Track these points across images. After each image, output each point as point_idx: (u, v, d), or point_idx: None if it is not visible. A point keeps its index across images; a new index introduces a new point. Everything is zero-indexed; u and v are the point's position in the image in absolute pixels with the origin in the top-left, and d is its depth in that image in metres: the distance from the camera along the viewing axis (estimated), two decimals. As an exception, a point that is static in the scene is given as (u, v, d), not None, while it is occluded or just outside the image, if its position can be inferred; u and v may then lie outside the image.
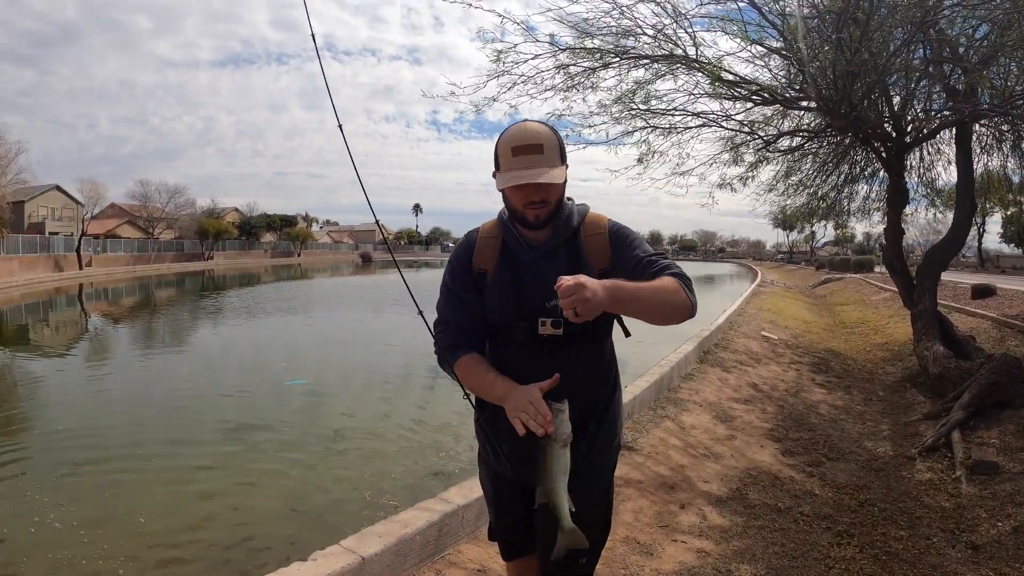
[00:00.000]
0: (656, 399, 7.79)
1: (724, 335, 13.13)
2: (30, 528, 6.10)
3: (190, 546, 5.76)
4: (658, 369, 8.47)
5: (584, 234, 2.30)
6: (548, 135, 2.18)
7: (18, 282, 43.07)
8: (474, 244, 2.41)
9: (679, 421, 7.10)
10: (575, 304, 1.80)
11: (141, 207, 75.89)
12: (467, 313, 2.35)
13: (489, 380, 2.20)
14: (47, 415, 10.51)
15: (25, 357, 16.82)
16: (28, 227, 60.72)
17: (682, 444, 6.37)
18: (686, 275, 2.11)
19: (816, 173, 12.88)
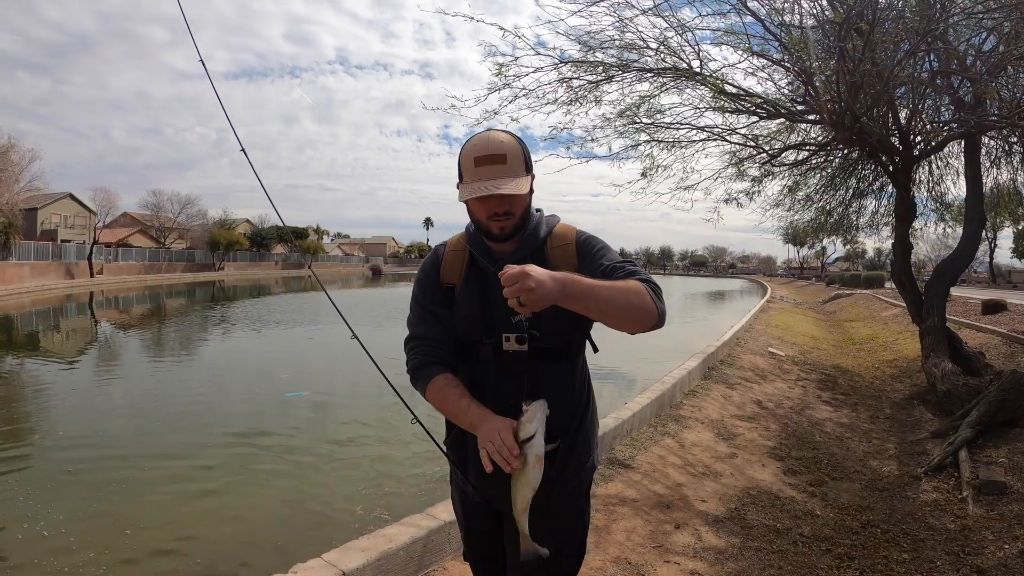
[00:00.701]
0: (657, 416, 7.67)
1: (730, 351, 13.01)
2: (24, 525, 6.17)
3: (179, 552, 5.74)
4: (659, 386, 8.35)
5: (551, 246, 2.24)
6: (512, 145, 2.12)
7: (29, 288, 43.52)
8: (442, 258, 2.37)
9: (679, 438, 6.97)
10: (518, 293, 1.74)
11: (153, 217, 76.63)
12: (439, 327, 2.28)
13: (463, 406, 2.10)
14: (52, 419, 10.56)
15: (34, 362, 16.86)
16: (40, 234, 61.33)
17: (681, 462, 6.25)
18: (654, 281, 2.01)
19: (823, 188, 12.77)
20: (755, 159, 10.71)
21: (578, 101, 8.89)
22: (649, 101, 9.20)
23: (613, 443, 6.44)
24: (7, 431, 9.79)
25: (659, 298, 1.97)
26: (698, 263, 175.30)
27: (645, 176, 10.18)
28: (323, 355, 18.12)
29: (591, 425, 2.33)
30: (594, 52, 8.42)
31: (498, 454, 1.84)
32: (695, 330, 22.23)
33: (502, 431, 1.87)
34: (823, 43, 8.15)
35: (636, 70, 8.49)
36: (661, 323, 1.98)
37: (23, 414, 11.21)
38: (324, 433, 9.35)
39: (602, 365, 13.42)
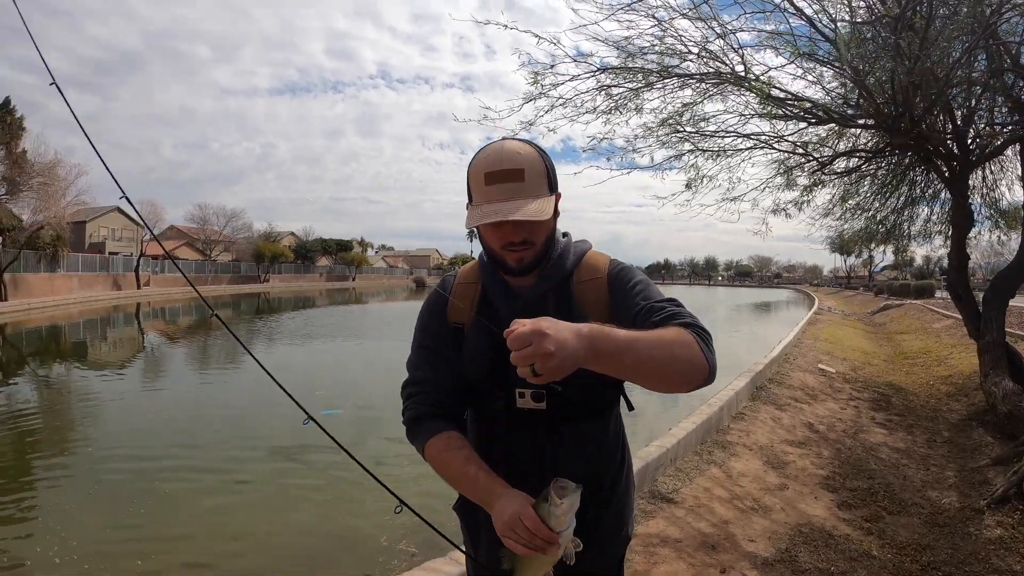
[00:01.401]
0: (703, 442, 7.31)
1: (779, 368, 12.55)
2: (60, 531, 6.40)
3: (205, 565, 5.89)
4: (706, 409, 7.98)
5: (579, 279, 1.90)
6: (531, 157, 1.76)
7: (77, 299, 44.72)
8: (449, 292, 2.02)
9: (727, 468, 6.60)
10: (532, 359, 1.34)
11: (199, 230, 78.15)
12: (443, 371, 1.94)
13: (470, 475, 1.76)
14: (97, 428, 10.91)
15: (80, 371, 17.34)
16: (89, 246, 62.86)
17: (728, 495, 5.88)
18: (702, 326, 1.64)
19: (874, 196, 12.21)
20: (804, 167, 10.24)
21: (618, 110, 8.54)
22: (692, 109, 8.83)
23: (656, 474, 6.12)
24: (53, 439, 10.09)
25: (709, 348, 1.59)
26: (743, 273, 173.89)
27: (690, 187, 9.77)
28: (363, 370, 18.04)
29: (625, 493, 2.02)
30: (633, 59, 8.12)
31: (530, 545, 1.52)
32: (741, 344, 21.77)
33: (525, 517, 1.51)
34: (876, 40, 7.80)
35: (676, 76, 8.13)
36: (711, 379, 1.60)
37: (68, 422, 11.56)
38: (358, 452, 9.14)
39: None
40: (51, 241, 44.70)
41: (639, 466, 5.71)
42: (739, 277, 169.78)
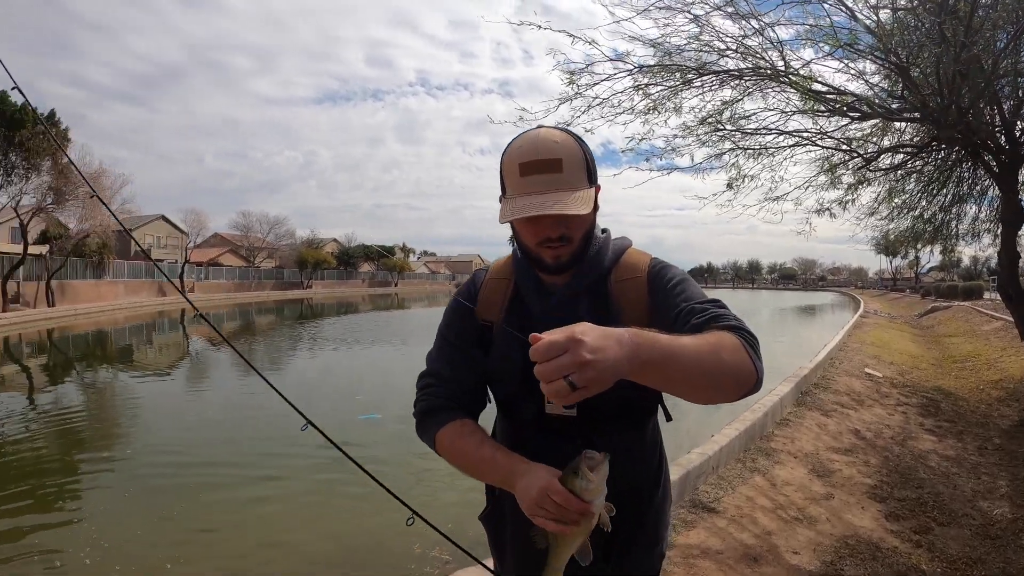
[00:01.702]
0: (746, 449, 7.11)
1: (824, 373, 12.23)
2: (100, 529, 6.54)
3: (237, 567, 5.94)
4: (749, 415, 7.76)
5: (616, 278, 1.76)
6: (569, 146, 1.63)
7: (123, 305, 46.06)
8: (480, 287, 1.91)
9: (770, 476, 6.41)
10: (567, 370, 1.15)
11: (243, 237, 79.23)
12: (464, 368, 1.83)
13: (486, 456, 1.65)
14: (141, 428, 11.18)
15: (126, 375, 17.74)
16: (134, 254, 63.74)
17: (771, 504, 5.69)
18: (748, 329, 1.49)
19: (921, 193, 11.85)
20: (848, 164, 9.95)
21: (656, 110, 8.39)
22: (732, 107, 8.66)
23: (697, 482, 5.97)
24: (96, 439, 10.36)
25: (757, 353, 1.46)
26: (787, 276, 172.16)
27: (731, 187, 9.59)
28: (404, 375, 18.06)
29: (661, 507, 1.86)
30: (670, 56, 7.97)
31: (563, 520, 1.39)
32: (786, 348, 21.38)
33: (554, 493, 1.38)
34: (919, 27, 7.57)
35: (714, 72, 7.97)
36: (758, 387, 1.47)
37: (112, 423, 11.88)
38: (395, 458, 9.14)
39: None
40: (97, 249, 46.01)
41: (679, 474, 5.57)
42: (783, 280, 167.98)
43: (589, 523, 1.42)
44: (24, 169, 36.81)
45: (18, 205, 38.14)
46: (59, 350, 24.94)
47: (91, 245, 44.94)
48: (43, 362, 21.54)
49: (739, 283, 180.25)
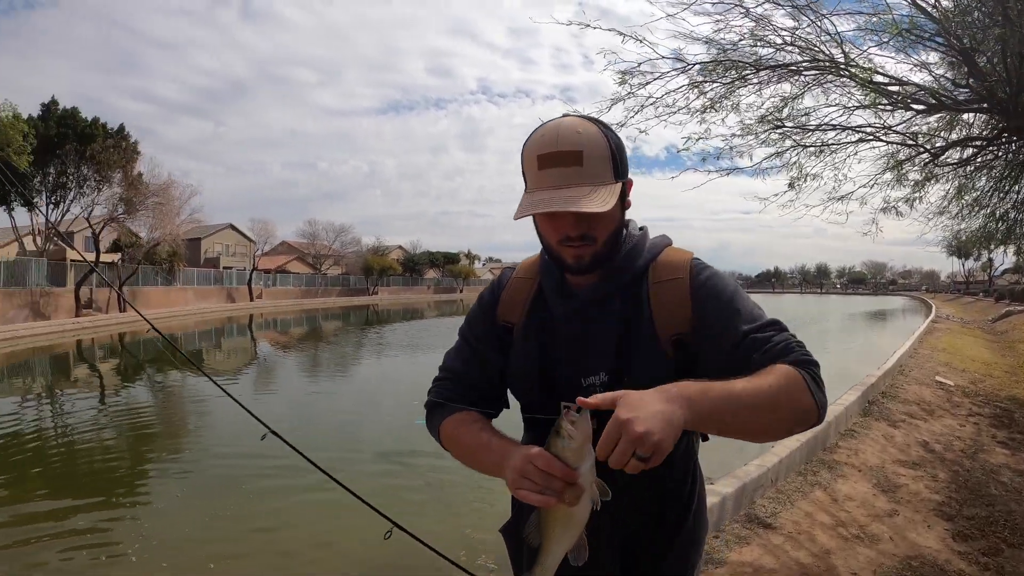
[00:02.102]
0: (808, 462, 6.79)
1: (893, 381, 11.73)
2: (162, 526, 6.71)
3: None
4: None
5: (653, 280, 1.60)
6: (593, 137, 1.48)
7: (192, 311, 47.17)
8: (504, 287, 1.80)
9: (832, 490, 6.08)
10: (629, 453, 1.13)
11: (309, 244, 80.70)
12: (479, 369, 1.74)
13: (483, 441, 1.54)
14: (208, 430, 11.56)
15: (194, 378, 17.92)
16: (204, 261, 66.17)
17: (832, 521, 5.37)
18: (811, 359, 1.40)
19: (992, 190, 11.19)
20: (915, 160, 9.45)
21: (713, 108, 8.12)
22: (791, 103, 8.32)
23: (754, 496, 5.71)
24: (165, 442, 10.66)
25: (820, 387, 1.37)
26: (856, 280, 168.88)
27: (792, 187, 9.16)
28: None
29: (692, 535, 1.67)
30: (725, 52, 7.68)
31: (549, 490, 1.24)
32: (854, 355, 20.77)
33: (535, 457, 1.25)
34: (982, 8, 7.18)
35: (770, 68, 7.69)
36: (820, 421, 1.39)
37: (181, 424, 12.25)
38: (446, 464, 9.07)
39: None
40: (167, 256, 47.37)
41: (735, 487, 5.33)
42: (852, 284, 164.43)
43: (577, 498, 1.25)
44: (96, 181, 38.39)
45: (90, 215, 39.85)
46: (130, 353, 25.81)
47: (161, 253, 46.30)
48: (114, 364, 22.48)
49: (807, 288, 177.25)
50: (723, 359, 1.44)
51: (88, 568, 5.90)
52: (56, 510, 7.35)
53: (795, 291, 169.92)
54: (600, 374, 1.55)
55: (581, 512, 1.28)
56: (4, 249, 44.20)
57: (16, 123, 32.21)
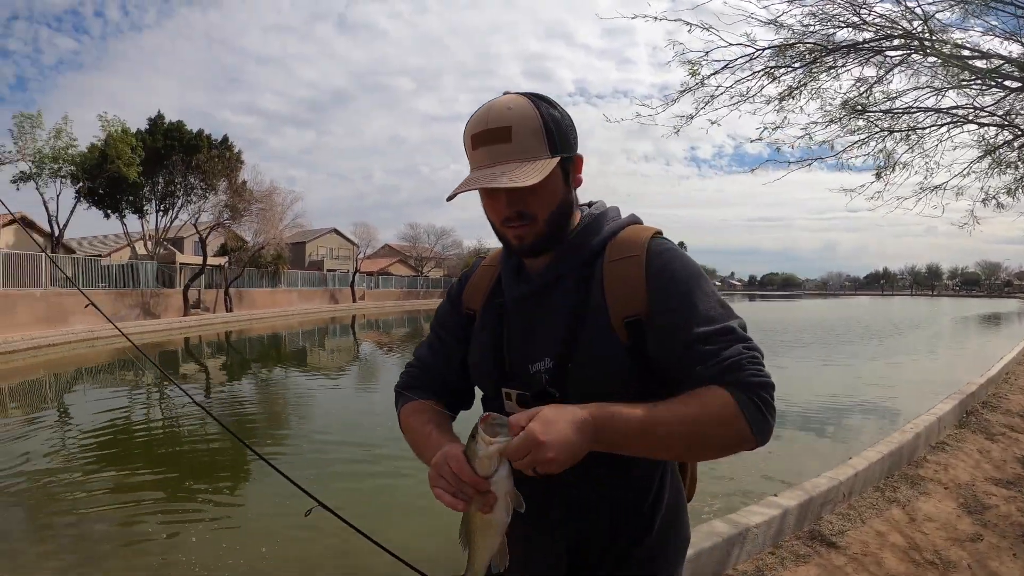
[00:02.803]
0: (888, 476, 6.23)
1: (996, 390, 10.85)
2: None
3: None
4: (898, 436, 6.87)
5: (609, 257, 1.50)
6: (523, 112, 1.41)
7: (296, 311, 48.83)
8: (471, 275, 1.77)
9: (911, 509, 5.50)
10: (532, 466, 1.19)
11: (411, 247, 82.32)
12: (443, 358, 1.73)
13: (425, 432, 1.51)
14: (311, 424, 11.74)
15: (298, 375, 18.96)
16: (308, 264, 68.44)
17: (904, 543, 4.81)
18: (761, 379, 1.30)
19: None
20: (1013, 144, 8.59)
21: (791, 96, 7.66)
22: (872, 89, 7.72)
23: (822, 511, 5.23)
24: (271, 432, 10.99)
25: (764, 415, 1.30)
26: (970, 282, 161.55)
27: (879, 177, 8.57)
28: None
29: (661, 547, 1.54)
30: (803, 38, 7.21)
31: (461, 493, 1.22)
32: (958, 361, 19.58)
33: (450, 458, 1.24)
34: None
35: (845, 48, 7.13)
36: (762, 444, 1.33)
37: (285, 419, 12.49)
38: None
39: (822, 401, 11.94)
40: (272, 259, 49.46)
41: (800, 499, 4.94)
42: (965, 286, 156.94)
43: (491, 506, 1.23)
44: (202, 189, 40.40)
45: (197, 221, 42.05)
46: (235, 350, 26.87)
47: (266, 256, 48.27)
48: (220, 360, 23.47)
49: (918, 290, 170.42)
50: (669, 358, 1.38)
51: (187, 545, 6.00)
52: (161, 489, 7.69)
53: (905, 293, 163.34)
54: (545, 360, 1.48)
55: (497, 520, 1.25)
56: (117, 253, 46.57)
57: (125, 137, 34.45)
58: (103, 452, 9.54)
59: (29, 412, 12.89)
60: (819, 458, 7.66)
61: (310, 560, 5.65)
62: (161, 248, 42.53)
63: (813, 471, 5.86)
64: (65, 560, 5.73)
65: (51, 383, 17.33)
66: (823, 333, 30.97)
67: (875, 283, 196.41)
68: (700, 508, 6.09)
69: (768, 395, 1.31)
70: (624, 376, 1.40)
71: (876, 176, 8.45)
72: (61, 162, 33.11)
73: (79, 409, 13.29)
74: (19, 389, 16.08)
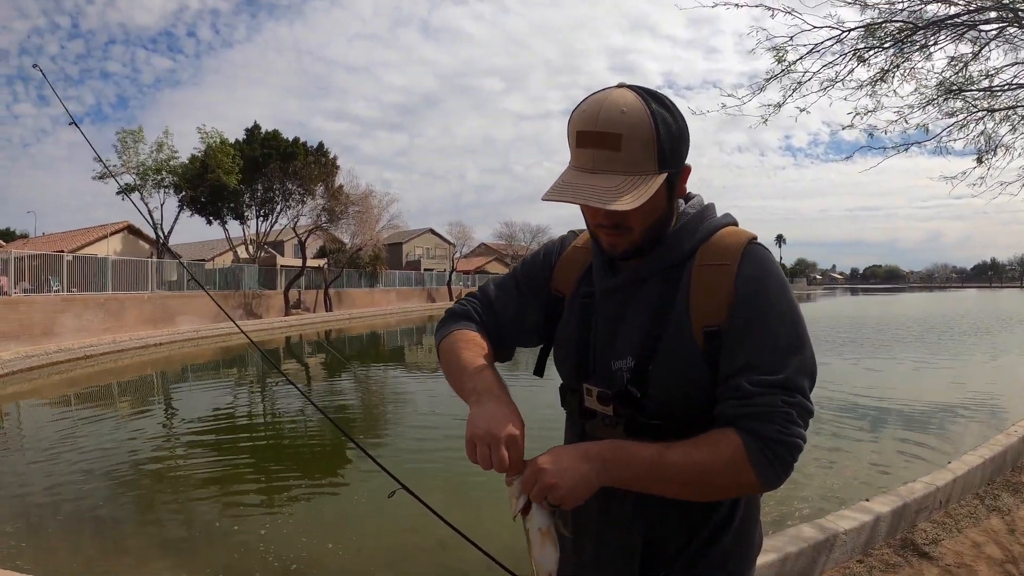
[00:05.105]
0: (989, 483, 5.84)
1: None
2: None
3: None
4: (1003, 438, 6.45)
5: (699, 262, 1.41)
6: (637, 118, 1.28)
7: (395, 310, 50.18)
8: (564, 252, 1.67)
9: (1011, 519, 5.13)
10: (540, 496, 1.22)
11: (507, 246, 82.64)
12: (513, 307, 1.66)
13: (475, 366, 1.47)
14: (405, 417, 12.14)
15: (395, 371, 19.46)
16: (405, 264, 69.74)
17: (1002, 556, 4.49)
18: (788, 440, 1.25)
19: None
20: None
21: (883, 79, 7.29)
22: (968, 67, 7.28)
23: (917, 518, 4.96)
24: (367, 426, 11.26)
25: (775, 468, 1.25)
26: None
27: (981, 161, 8.04)
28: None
29: (735, 549, 1.46)
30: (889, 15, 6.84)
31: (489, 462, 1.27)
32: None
33: (495, 442, 1.26)
34: None
35: (937, 24, 6.70)
36: (770, 489, 1.30)
37: (381, 413, 12.86)
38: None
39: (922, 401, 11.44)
40: (370, 260, 51.11)
41: (894, 505, 4.71)
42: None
43: (529, 541, 1.26)
44: (300, 194, 42.09)
45: (296, 225, 43.35)
46: (333, 348, 27.62)
47: (364, 257, 49.78)
48: (320, 358, 24.34)
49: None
50: (720, 374, 1.34)
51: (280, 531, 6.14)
52: (270, 479, 7.97)
53: (1014, 285, 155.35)
54: (627, 358, 1.42)
55: (537, 558, 1.25)
56: (220, 258, 48.44)
57: (224, 147, 36.10)
58: (207, 439, 10.11)
59: (138, 405, 13.72)
60: (917, 462, 7.34)
61: (402, 549, 5.72)
62: (262, 252, 44.30)
63: (910, 475, 5.60)
64: (166, 540, 6.00)
65: (158, 379, 18.33)
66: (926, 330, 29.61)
67: (983, 274, 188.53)
68: (788, 512, 5.91)
69: (787, 454, 1.25)
70: (704, 383, 1.35)
71: (977, 160, 7.96)
72: (164, 173, 35.24)
73: (183, 403, 14.06)
74: (129, 385, 17.03)
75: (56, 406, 13.52)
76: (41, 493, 7.28)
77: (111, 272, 27.24)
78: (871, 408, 10.84)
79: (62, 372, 18.13)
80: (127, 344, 22.89)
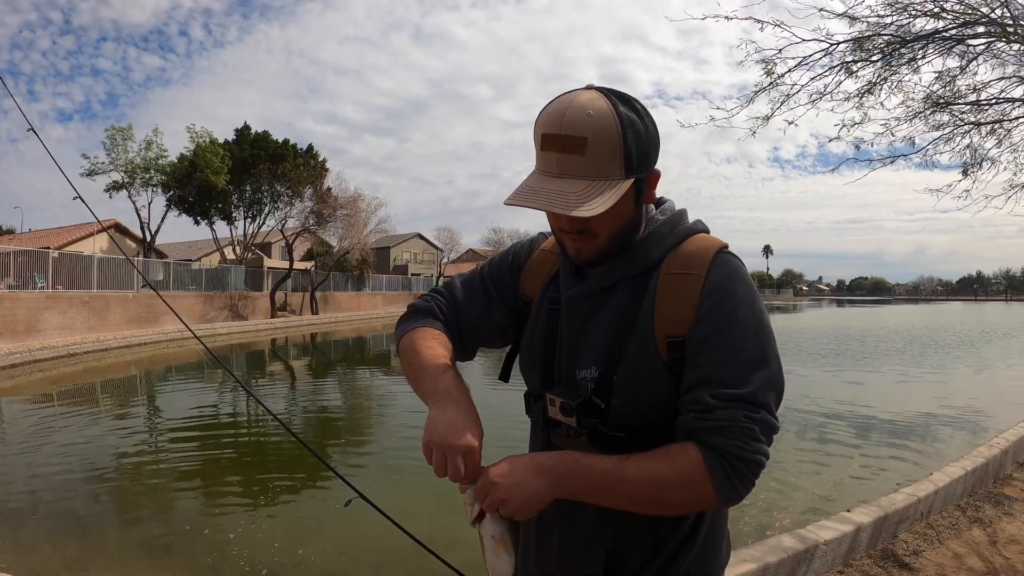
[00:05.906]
0: (971, 494, 5.88)
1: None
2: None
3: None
4: (985, 450, 6.49)
5: (666, 269, 1.38)
6: (603, 122, 1.24)
7: (380, 314, 49.71)
8: (532, 254, 1.63)
9: (992, 530, 5.15)
10: (492, 508, 1.24)
11: (494, 252, 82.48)
12: (478, 306, 1.61)
13: (424, 359, 1.44)
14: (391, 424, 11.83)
15: (380, 376, 19.25)
16: (393, 268, 70.02)
17: (982, 567, 4.49)
18: (749, 455, 1.21)
19: None
20: None
21: (870, 92, 7.34)
22: (955, 81, 7.34)
23: (897, 529, 4.96)
24: (353, 432, 11.11)
25: (734, 484, 1.22)
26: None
27: (967, 174, 8.14)
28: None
29: (704, 561, 1.43)
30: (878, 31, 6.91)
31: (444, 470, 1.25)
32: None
33: (451, 451, 1.24)
34: None
35: (925, 38, 6.75)
36: (731, 506, 1.31)
37: (364, 419, 12.67)
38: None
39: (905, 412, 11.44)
40: (357, 264, 51.06)
41: (875, 516, 4.71)
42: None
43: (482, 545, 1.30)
44: (288, 196, 42.04)
45: (284, 227, 43.55)
46: (319, 351, 27.65)
47: (352, 260, 49.80)
48: (305, 361, 24.27)
49: (1013, 295, 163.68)
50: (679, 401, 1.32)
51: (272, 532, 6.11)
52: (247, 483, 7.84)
53: (999, 298, 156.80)
54: (592, 368, 1.40)
55: (491, 564, 1.29)
56: (207, 258, 48.38)
57: (213, 147, 36.09)
58: (188, 438, 10.10)
59: (120, 405, 13.65)
60: (898, 472, 7.35)
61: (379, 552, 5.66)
62: (249, 253, 44.22)
63: (891, 486, 5.60)
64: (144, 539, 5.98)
65: (141, 378, 18.27)
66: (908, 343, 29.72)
67: (968, 287, 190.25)
68: (768, 522, 5.90)
69: (747, 470, 1.22)
70: (668, 394, 1.32)
71: (963, 173, 8.05)
72: (152, 172, 35.24)
73: (165, 402, 14.09)
74: (111, 384, 17.01)
75: (37, 404, 13.44)
76: (19, 491, 7.24)
77: (96, 270, 27.12)
78: (854, 419, 10.86)
79: (45, 370, 18.03)
80: (111, 343, 22.81)
